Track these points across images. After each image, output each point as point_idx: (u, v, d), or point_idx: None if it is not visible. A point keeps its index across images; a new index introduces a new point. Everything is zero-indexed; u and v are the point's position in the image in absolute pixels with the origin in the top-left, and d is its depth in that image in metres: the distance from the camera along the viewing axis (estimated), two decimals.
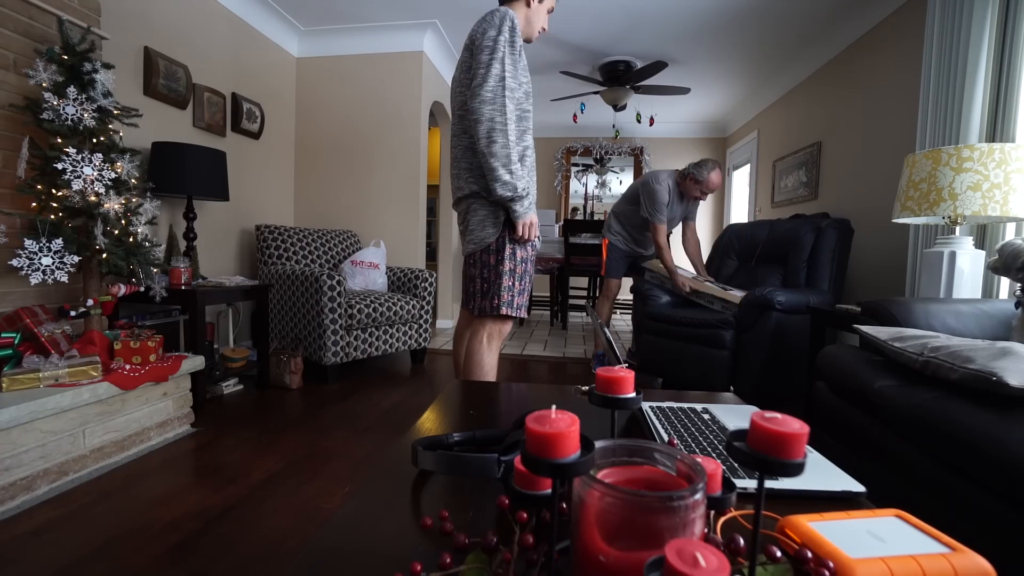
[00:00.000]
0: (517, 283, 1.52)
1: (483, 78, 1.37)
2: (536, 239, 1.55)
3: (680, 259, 3.04)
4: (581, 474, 0.35)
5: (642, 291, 2.95)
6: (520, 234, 1.49)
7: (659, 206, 2.81)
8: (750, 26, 3.34)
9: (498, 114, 1.37)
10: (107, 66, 1.78)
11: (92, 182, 1.67)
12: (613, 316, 5.58)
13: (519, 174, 1.41)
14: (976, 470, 0.90)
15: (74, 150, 1.63)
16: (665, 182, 2.85)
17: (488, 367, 1.58)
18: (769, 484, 0.59)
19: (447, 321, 4.53)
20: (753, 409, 0.89)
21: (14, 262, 1.54)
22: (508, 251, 1.51)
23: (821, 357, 1.53)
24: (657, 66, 3.72)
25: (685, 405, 0.91)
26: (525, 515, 0.45)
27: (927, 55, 2.21)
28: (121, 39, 2.26)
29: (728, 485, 0.49)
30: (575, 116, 5.00)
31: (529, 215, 1.48)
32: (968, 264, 1.66)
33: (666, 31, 3.47)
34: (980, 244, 1.96)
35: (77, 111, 1.65)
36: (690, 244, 3.08)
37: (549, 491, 0.51)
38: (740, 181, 5.54)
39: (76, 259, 1.65)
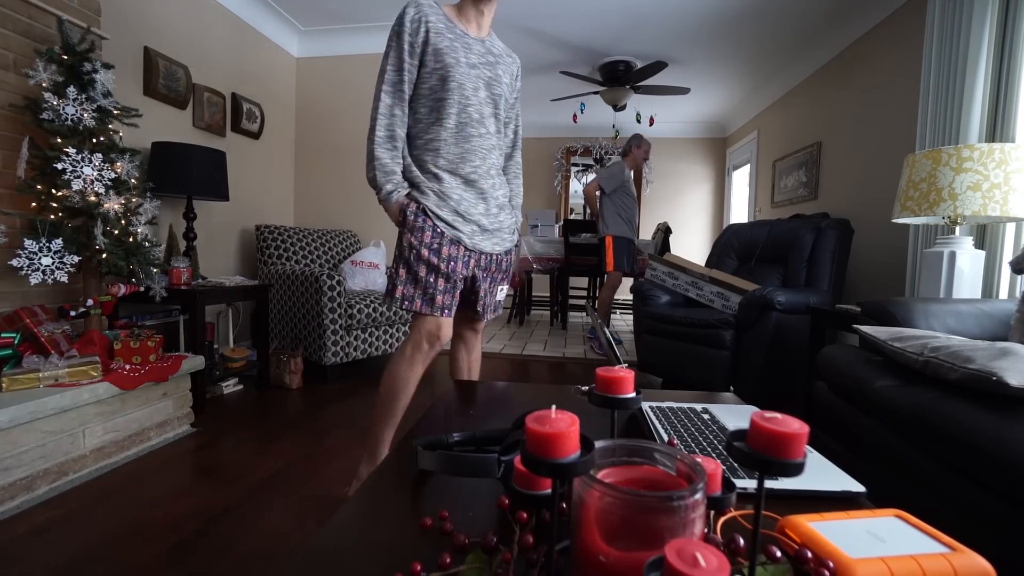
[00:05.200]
0: (401, 270, 1.38)
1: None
2: (418, 222, 1.36)
3: (678, 252, 3.04)
4: (581, 474, 0.35)
5: (642, 291, 2.95)
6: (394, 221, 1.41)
7: (614, 177, 3.70)
8: (750, 26, 3.34)
9: (373, 112, 1.36)
10: (107, 66, 1.78)
11: (92, 182, 1.67)
12: (612, 315, 5.58)
13: (383, 164, 1.34)
14: (976, 470, 0.90)
15: (74, 150, 1.63)
16: (620, 165, 3.76)
17: (390, 379, 1.43)
18: (769, 484, 0.59)
19: None
20: (753, 409, 0.89)
21: (14, 262, 1.54)
22: (403, 238, 1.39)
23: (821, 357, 1.53)
24: (657, 66, 3.72)
25: (685, 405, 0.91)
26: (525, 515, 0.45)
27: (927, 55, 2.21)
28: (121, 39, 2.25)
29: (728, 485, 0.49)
30: (575, 116, 5.00)
31: (390, 204, 1.36)
32: (968, 264, 1.66)
33: (666, 31, 3.47)
34: (980, 244, 1.96)
35: (77, 111, 1.65)
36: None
37: (549, 491, 0.51)
38: (740, 181, 5.54)
39: (76, 259, 1.65)
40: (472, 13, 1.41)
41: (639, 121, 4.93)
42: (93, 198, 1.68)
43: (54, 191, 1.64)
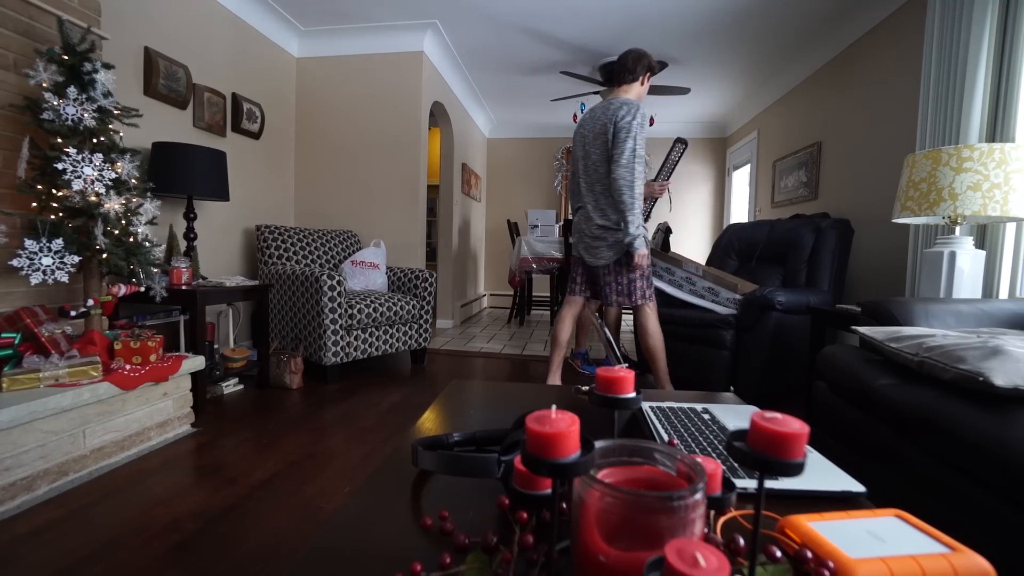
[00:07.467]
0: (645, 281, 2.26)
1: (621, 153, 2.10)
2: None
3: (679, 252, 3.04)
4: (581, 474, 0.35)
5: None
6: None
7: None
8: (750, 26, 3.34)
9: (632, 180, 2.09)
10: (107, 66, 1.78)
11: (92, 182, 1.67)
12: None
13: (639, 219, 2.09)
14: (977, 470, 0.90)
15: (74, 150, 1.63)
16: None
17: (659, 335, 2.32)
18: (769, 484, 0.59)
19: (447, 321, 4.53)
20: (753, 409, 0.89)
21: (14, 262, 1.54)
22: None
23: (821, 357, 1.53)
24: (657, 66, 3.72)
25: (685, 405, 0.91)
26: (525, 515, 0.45)
27: (927, 55, 2.21)
28: (121, 39, 2.26)
29: (728, 485, 0.49)
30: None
31: (641, 248, 2.14)
32: (968, 264, 1.66)
33: (666, 31, 3.47)
34: (980, 244, 1.96)
35: (77, 111, 1.65)
36: None
37: (549, 491, 0.51)
38: (740, 181, 5.54)
39: (76, 259, 1.65)
40: None
41: None
42: (93, 198, 1.68)
43: (54, 191, 1.64)
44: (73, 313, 1.72)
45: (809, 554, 0.43)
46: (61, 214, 1.65)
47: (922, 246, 2.22)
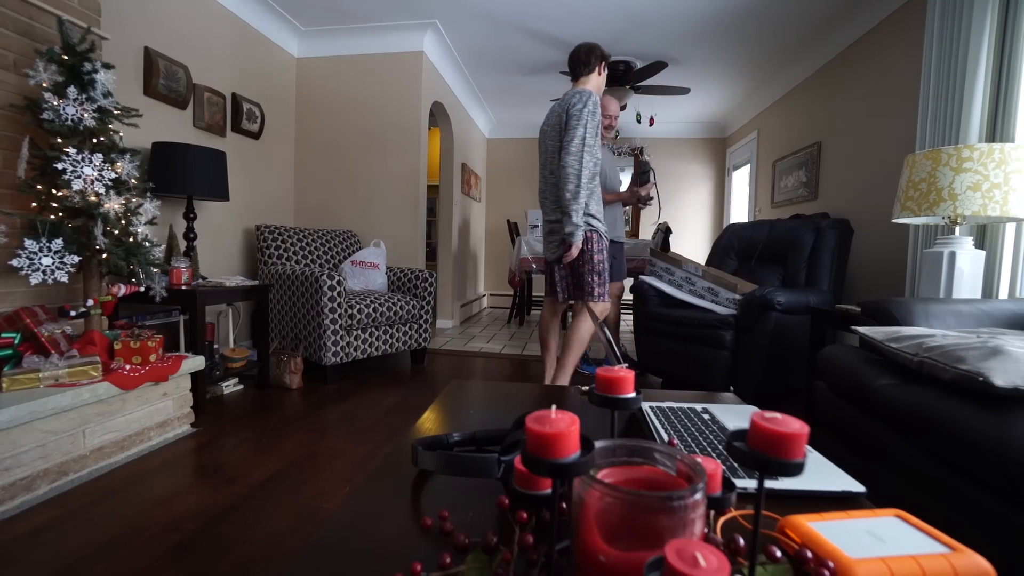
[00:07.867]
0: (596, 277, 2.13)
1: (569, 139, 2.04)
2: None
3: (678, 252, 3.04)
4: (581, 474, 0.35)
5: (642, 291, 2.95)
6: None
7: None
8: (750, 26, 3.34)
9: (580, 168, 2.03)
10: (107, 66, 1.78)
11: (92, 182, 1.67)
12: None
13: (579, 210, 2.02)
14: (977, 470, 0.90)
15: (74, 150, 1.63)
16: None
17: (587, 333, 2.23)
18: (769, 484, 0.59)
19: (447, 321, 4.52)
20: (753, 409, 0.89)
21: (14, 262, 1.54)
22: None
23: (821, 357, 1.53)
24: (657, 66, 3.72)
25: (685, 405, 0.91)
26: (525, 515, 0.45)
27: (927, 55, 2.21)
28: (121, 39, 2.26)
29: (728, 485, 0.49)
30: None
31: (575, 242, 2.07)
32: (968, 264, 1.66)
33: (666, 31, 3.47)
34: (980, 244, 1.96)
35: (77, 111, 1.65)
36: None
37: (549, 491, 0.51)
38: (740, 181, 5.54)
39: (76, 259, 1.65)
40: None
41: (639, 121, 4.93)
42: (93, 198, 1.68)
43: (54, 191, 1.64)
44: (73, 313, 1.72)
45: (809, 554, 0.43)
46: (61, 214, 1.65)
47: (922, 246, 2.22)
